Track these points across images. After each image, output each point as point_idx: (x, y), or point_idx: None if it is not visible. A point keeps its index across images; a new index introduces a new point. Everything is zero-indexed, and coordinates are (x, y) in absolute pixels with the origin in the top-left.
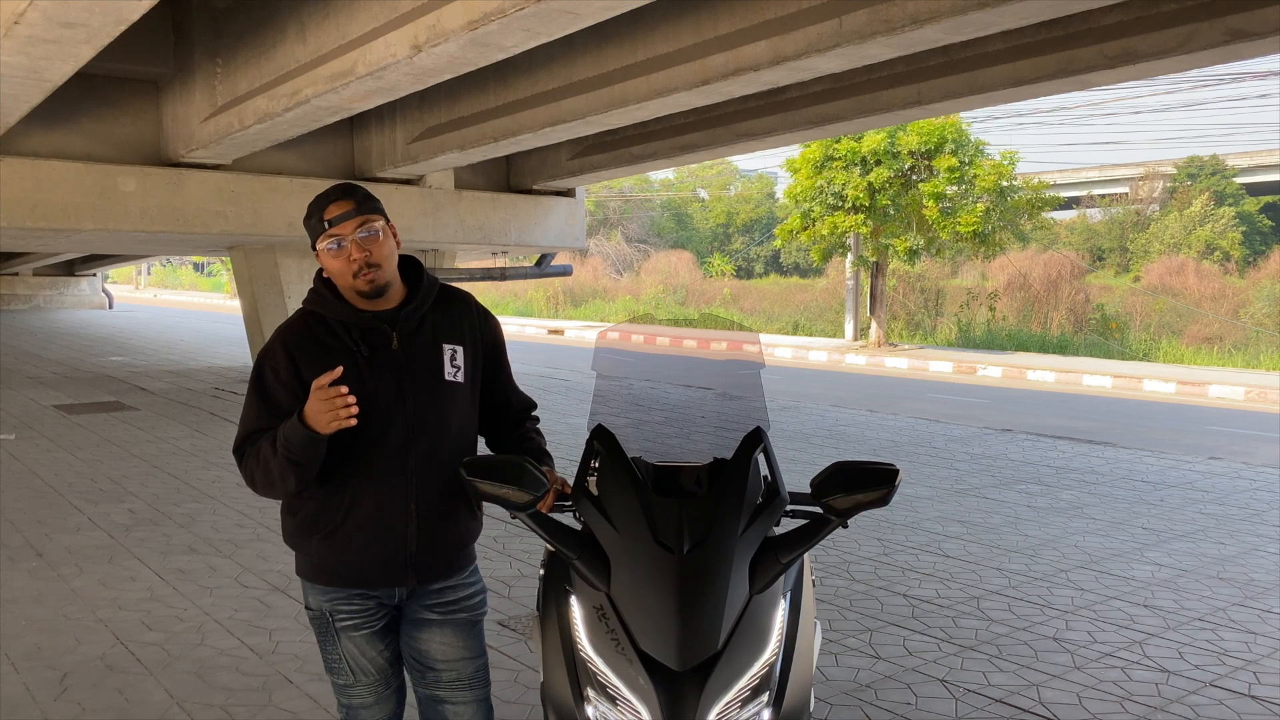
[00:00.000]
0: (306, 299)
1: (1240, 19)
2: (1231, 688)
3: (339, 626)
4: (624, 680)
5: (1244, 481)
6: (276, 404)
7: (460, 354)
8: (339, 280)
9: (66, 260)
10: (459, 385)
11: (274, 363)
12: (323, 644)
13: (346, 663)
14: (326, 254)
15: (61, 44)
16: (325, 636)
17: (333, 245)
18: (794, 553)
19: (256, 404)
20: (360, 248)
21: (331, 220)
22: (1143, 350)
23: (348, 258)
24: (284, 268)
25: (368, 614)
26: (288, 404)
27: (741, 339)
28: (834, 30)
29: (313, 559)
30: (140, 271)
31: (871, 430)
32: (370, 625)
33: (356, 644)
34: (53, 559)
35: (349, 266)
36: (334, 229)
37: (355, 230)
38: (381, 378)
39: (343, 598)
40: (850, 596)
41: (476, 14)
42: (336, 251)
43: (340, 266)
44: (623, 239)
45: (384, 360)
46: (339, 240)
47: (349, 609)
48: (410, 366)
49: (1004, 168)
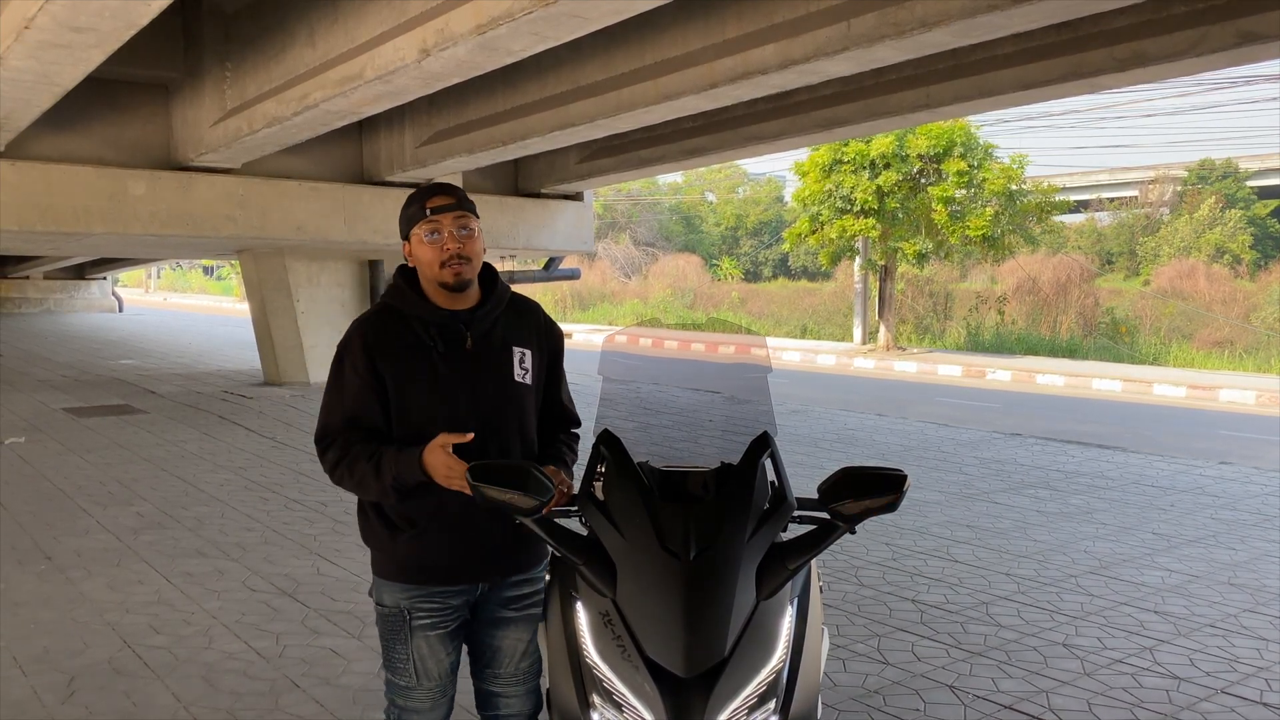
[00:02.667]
0: (385, 293)
1: (1252, 21)
2: (1243, 695)
3: (415, 625)
4: (630, 687)
5: (1255, 486)
6: (354, 395)
7: (529, 358)
8: (426, 270)
9: (77, 264)
10: (527, 387)
11: (352, 356)
12: (391, 643)
13: (414, 663)
14: (421, 241)
15: (72, 48)
16: (396, 635)
17: (431, 231)
18: (801, 558)
19: (337, 395)
20: (455, 239)
21: (434, 209)
22: (1153, 354)
23: (441, 246)
24: (293, 271)
25: (445, 614)
26: (365, 395)
27: (749, 343)
28: (842, 33)
29: (398, 557)
30: (150, 275)
31: (880, 434)
32: (445, 625)
33: (429, 643)
34: (61, 562)
35: (440, 255)
36: (435, 217)
37: (453, 223)
38: (456, 375)
39: (423, 595)
40: (858, 602)
41: (485, 18)
42: (433, 239)
43: (432, 255)
44: (631, 242)
45: (458, 358)
46: (437, 229)
47: (428, 606)
48: (483, 365)
49: (1013, 171)
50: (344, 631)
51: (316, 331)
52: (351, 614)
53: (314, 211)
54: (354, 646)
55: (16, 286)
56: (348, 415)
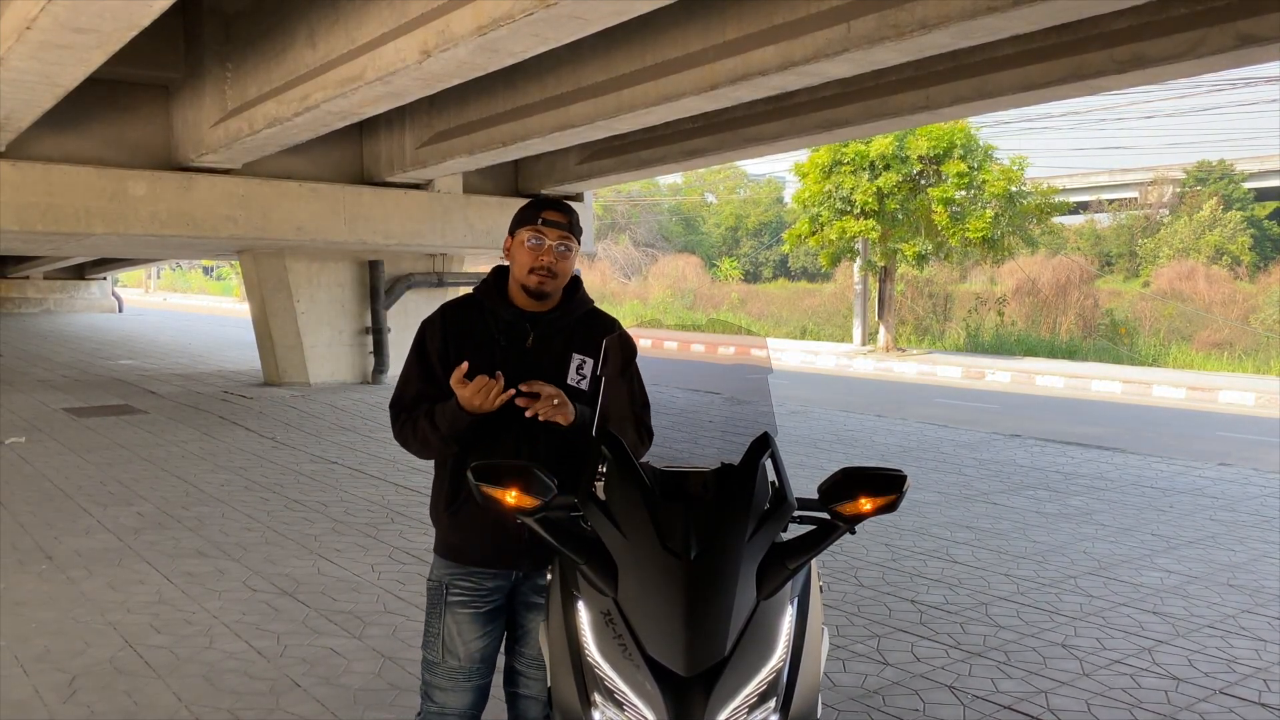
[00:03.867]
0: (478, 286)
1: (1251, 24)
2: (1241, 695)
3: (450, 600)
4: (631, 686)
5: (1254, 488)
6: (431, 367)
7: (588, 365)
8: (517, 270)
9: (77, 264)
10: (580, 392)
11: (433, 331)
12: (430, 615)
13: (443, 638)
14: (523, 243)
15: (73, 49)
16: (434, 608)
17: (535, 240)
18: (801, 558)
19: (415, 364)
20: (552, 254)
21: (546, 221)
22: (1152, 355)
23: (538, 254)
24: (293, 271)
25: (479, 594)
26: (437, 367)
27: (749, 344)
28: (842, 35)
29: (443, 534)
30: (150, 275)
31: (879, 435)
32: (477, 606)
33: (458, 621)
34: (62, 562)
35: (534, 261)
36: (545, 227)
37: (557, 239)
38: (510, 369)
39: (461, 573)
40: (858, 602)
41: (485, 19)
42: (534, 246)
43: (528, 258)
44: (631, 243)
45: (516, 354)
46: (542, 238)
47: (463, 584)
48: (537, 364)
49: (1013, 173)
50: (345, 631)
51: (316, 332)
52: (352, 614)
53: (314, 212)
54: (355, 646)
55: (16, 286)
56: (420, 388)
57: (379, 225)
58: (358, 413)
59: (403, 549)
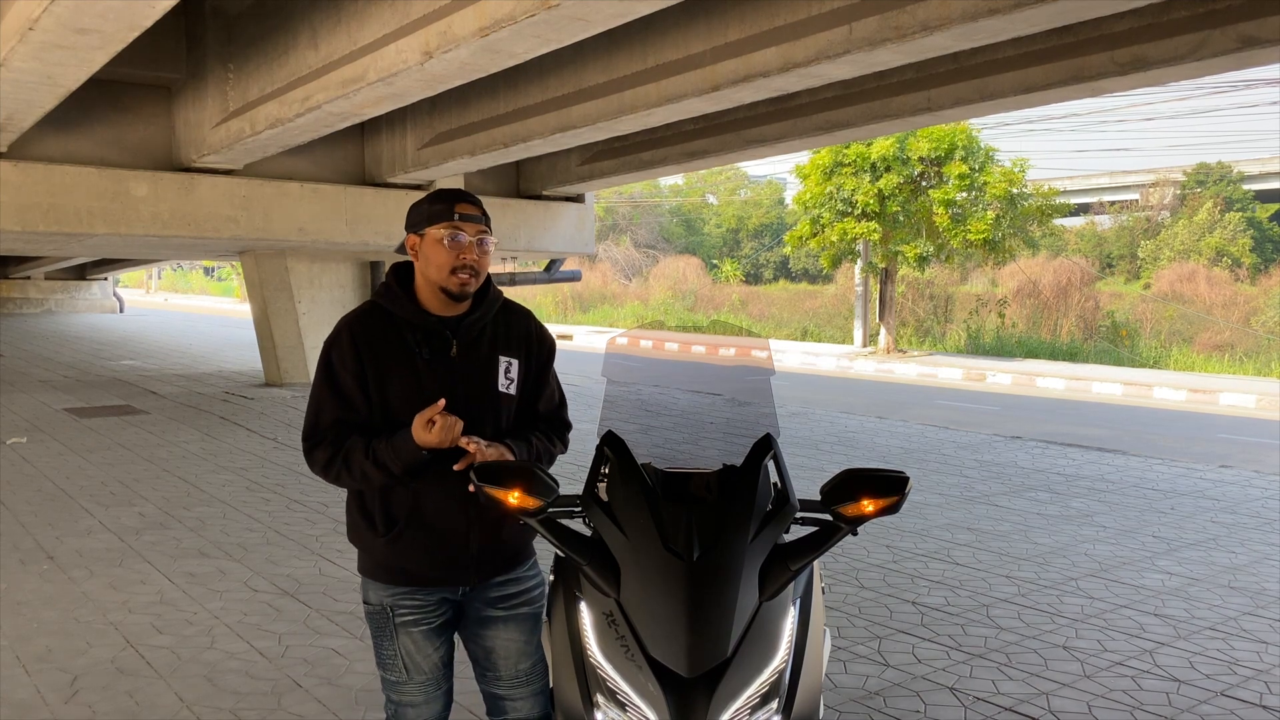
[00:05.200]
0: (376, 292)
1: (1252, 26)
2: (1243, 697)
3: (398, 622)
4: (633, 686)
5: (1255, 490)
6: (343, 389)
7: (515, 367)
8: (434, 272)
9: (78, 264)
10: (510, 397)
11: (340, 351)
12: (379, 640)
13: (401, 659)
14: (438, 242)
15: (75, 50)
16: (383, 632)
17: (453, 236)
18: (803, 560)
19: (326, 389)
20: (474, 251)
21: (463, 215)
22: (1153, 357)
23: (459, 254)
24: (294, 272)
25: (427, 610)
26: (353, 389)
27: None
28: (844, 37)
29: (376, 557)
30: (151, 276)
31: (881, 437)
32: (429, 621)
33: (414, 640)
34: (63, 562)
35: (455, 261)
36: (463, 223)
37: (477, 234)
38: (438, 383)
39: (405, 593)
40: (859, 603)
41: (488, 20)
42: (453, 243)
43: (446, 259)
44: (632, 244)
45: (442, 366)
46: (460, 235)
47: (410, 604)
48: (466, 374)
49: (1014, 175)
50: (346, 632)
51: (318, 332)
52: (353, 614)
53: (316, 213)
54: (356, 647)
55: (18, 287)
56: (338, 413)
57: (380, 226)
58: None
59: None
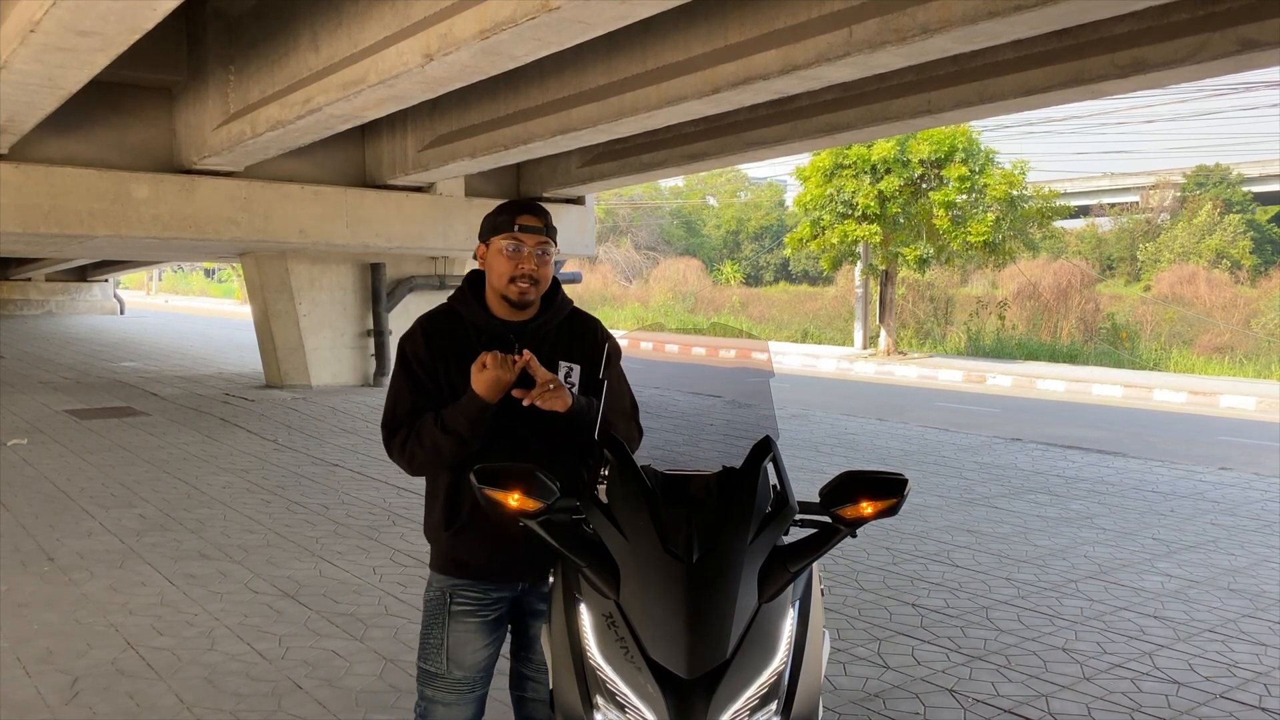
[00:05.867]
0: (452, 296)
1: (1252, 29)
2: (1242, 700)
3: (453, 609)
4: (633, 688)
5: (1255, 492)
6: (419, 381)
7: (576, 373)
8: (496, 280)
9: (79, 266)
10: None
11: (414, 346)
12: (428, 627)
13: (446, 649)
14: (500, 251)
15: (76, 52)
16: (435, 619)
17: (513, 246)
18: (803, 561)
19: (403, 380)
20: (532, 261)
21: (523, 226)
22: (1153, 360)
23: (517, 263)
24: (295, 274)
25: (484, 604)
26: (428, 383)
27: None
28: (844, 39)
29: (442, 549)
30: (151, 277)
31: (880, 439)
32: (482, 615)
33: (464, 632)
34: (64, 563)
35: (514, 270)
36: (522, 234)
37: (537, 245)
38: None
39: (464, 583)
40: (859, 605)
41: (488, 23)
42: (513, 253)
43: (506, 268)
44: (632, 246)
45: None
46: (520, 245)
47: (468, 594)
48: (527, 376)
49: (1014, 177)
50: (346, 634)
51: (318, 334)
52: (354, 616)
53: (316, 215)
54: (356, 649)
55: (18, 288)
56: (413, 401)
57: (381, 228)
58: (359, 415)
59: (404, 551)
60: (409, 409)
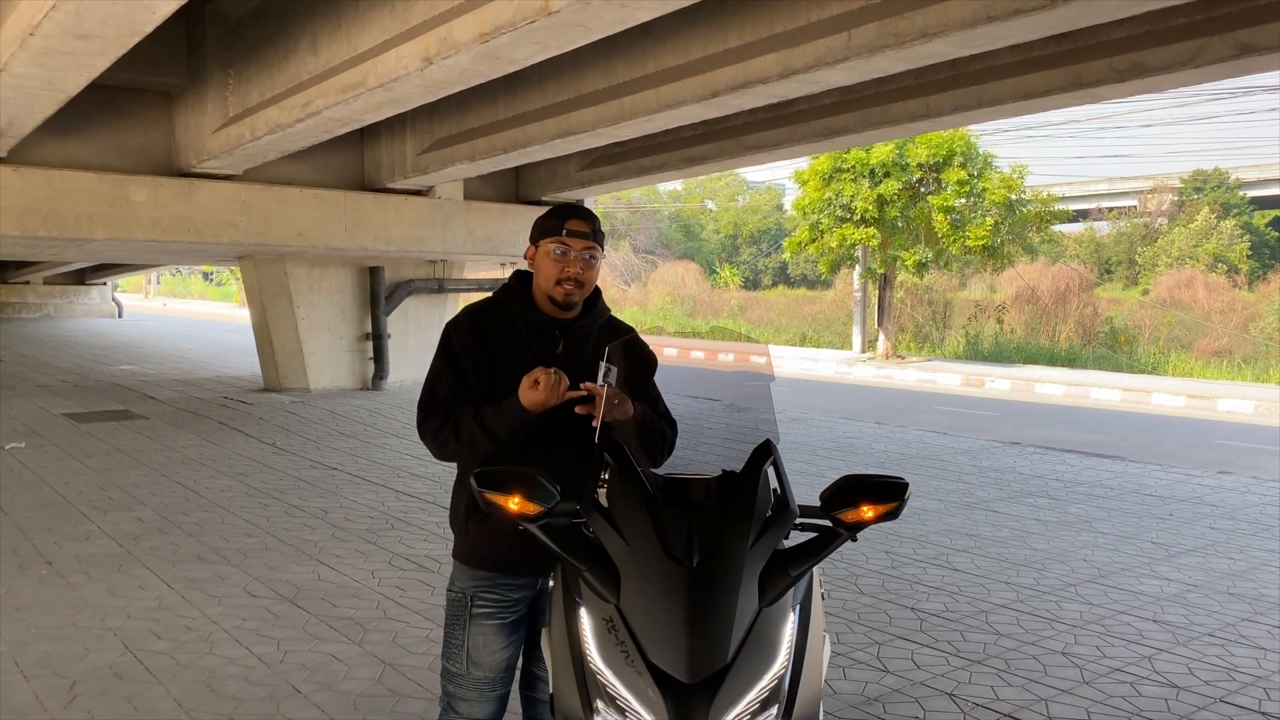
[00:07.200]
0: (499, 289)
1: (1250, 33)
2: (1241, 704)
3: (474, 612)
4: (633, 692)
5: (1254, 496)
6: (460, 367)
7: (615, 374)
8: (543, 281)
9: (77, 269)
10: None
11: (460, 333)
12: (451, 627)
13: (467, 650)
14: (548, 254)
15: (76, 55)
16: (457, 620)
17: (560, 250)
18: (803, 565)
19: (445, 364)
20: (578, 264)
21: (571, 231)
22: (1151, 363)
23: (564, 265)
24: (293, 277)
25: (505, 605)
26: (468, 368)
27: (750, 350)
28: (843, 44)
29: (469, 541)
30: (149, 280)
31: (880, 443)
32: (503, 616)
33: (485, 633)
34: (62, 567)
35: (561, 273)
36: (569, 238)
37: (583, 249)
38: None
39: (486, 585)
40: (858, 609)
41: (487, 27)
42: (560, 256)
43: (554, 270)
44: (630, 249)
45: (549, 360)
46: (568, 249)
47: (489, 596)
48: (569, 372)
49: (1013, 181)
50: (345, 638)
51: (317, 337)
52: (352, 620)
53: (315, 218)
54: (355, 652)
55: (16, 291)
56: (452, 387)
57: (380, 231)
58: (358, 419)
59: (403, 555)
60: (448, 394)
